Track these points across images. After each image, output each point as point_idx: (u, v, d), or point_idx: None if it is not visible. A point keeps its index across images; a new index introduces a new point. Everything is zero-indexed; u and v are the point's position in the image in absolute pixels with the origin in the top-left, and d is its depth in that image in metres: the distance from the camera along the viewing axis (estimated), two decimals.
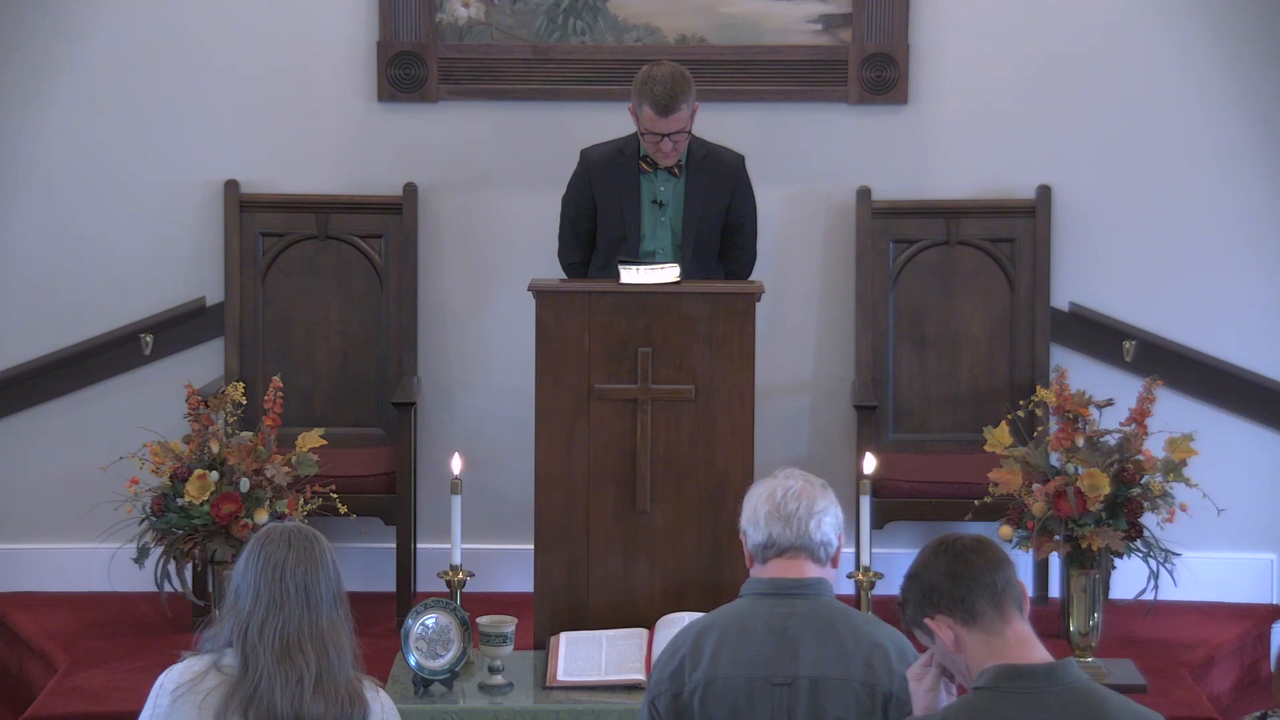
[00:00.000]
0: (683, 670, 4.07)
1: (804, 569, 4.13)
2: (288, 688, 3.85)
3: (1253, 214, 6.78)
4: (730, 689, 4.02)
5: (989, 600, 3.63)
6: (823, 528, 4.15)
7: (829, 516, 4.17)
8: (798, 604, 4.09)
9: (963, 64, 6.81)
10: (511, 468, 6.63)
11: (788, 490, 4.17)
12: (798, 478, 4.22)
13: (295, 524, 4.00)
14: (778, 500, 4.16)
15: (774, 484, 4.20)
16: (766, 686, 4.02)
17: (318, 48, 6.83)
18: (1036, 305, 6.77)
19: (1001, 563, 3.68)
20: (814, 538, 4.14)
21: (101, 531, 6.17)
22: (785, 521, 4.14)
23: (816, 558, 4.15)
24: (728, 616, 4.12)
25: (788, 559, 4.14)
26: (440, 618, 5.41)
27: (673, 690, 4.07)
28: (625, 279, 5.79)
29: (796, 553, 4.14)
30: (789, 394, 6.85)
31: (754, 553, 4.18)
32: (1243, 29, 6.71)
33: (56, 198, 6.83)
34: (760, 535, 4.16)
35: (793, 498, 4.15)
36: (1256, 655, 6.62)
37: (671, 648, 4.14)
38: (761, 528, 4.16)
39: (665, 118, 6.11)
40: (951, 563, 3.66)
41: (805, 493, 4.17)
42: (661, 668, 4.12)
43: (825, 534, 4.16)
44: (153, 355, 6.85)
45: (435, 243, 6.88)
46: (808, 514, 4.14)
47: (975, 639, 3.65)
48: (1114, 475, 5.77)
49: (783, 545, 4.13)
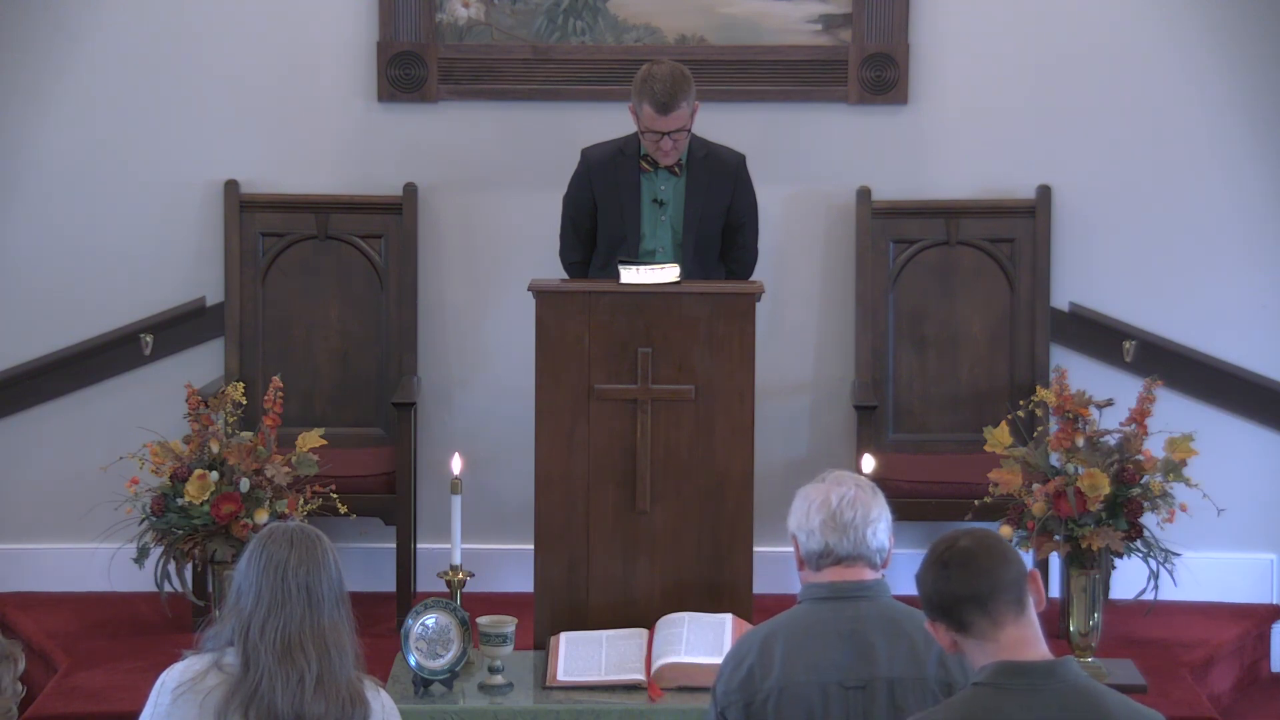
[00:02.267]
0: (753, 678, 4.05)
1: (861, 574, 4.13)
2: (289, 687, 3.85)
3: (1252, 214, 6.78)
4: (804, 694, 4.01)
5: (976, 612, 3.63)
6: (879, 535, 4.15)
7: (883, 523, 4.16)
8: (862, 606, 4.08)
9: (963, 64, 6.81)
10: (511, 468, 6.63)
11: (843, 498, 4.13)
12: (850, 484, 4.18)
13: (297, 524, 4.00)
14: (833, 509, 4.12)
15: (827, 489, 4.16)
16: (840, 690, 4.01)
17: (318, 48, 6.83)
18: (1036, 305, 6.77)
19: (990, 568, 3.63)
20: (871, 545, 4.13)
21: (101, 531, 6.17)
22: (842, 531, 4.11)
23: (873, 564, 4.14)
24: (792, 622, 4.11)
25: (845, 566, 4.13)
26: (440, 618, 5.41)
27: (744, 699, 4.05)
28: (625, 279, 5.79)
29: (854, 561, 4.12)
30: (789, 394, 6.85)
31: (807, 559, 4.15)
32: (1243, 29, 6.71)
33: (57, 198, 6.83)
34: (816, 544, 4.13)
35: (848, 506, 4.12)
36: (1256, 655, 6.62)
37: (735, 657, 4.11)
38: (817, 536, 4.13)
39: (665, 116, 6.11)
40: (937, 577, 3.65)
41: (860, 500, 4.14)
42: (728, 678, 4.09)
43: (880, 540, 4.15)
44: (153, 355, 6.85)
45: (435, 243, 6.87)
46: (864, 522, 4.12)
47: (970, 644, 3.65)
48: (1114, 475, 5.77)
49: (840, 554, 4.12)
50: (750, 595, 5.76)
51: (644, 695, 5.33)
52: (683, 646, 5.43)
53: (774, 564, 6.47)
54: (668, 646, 5.45)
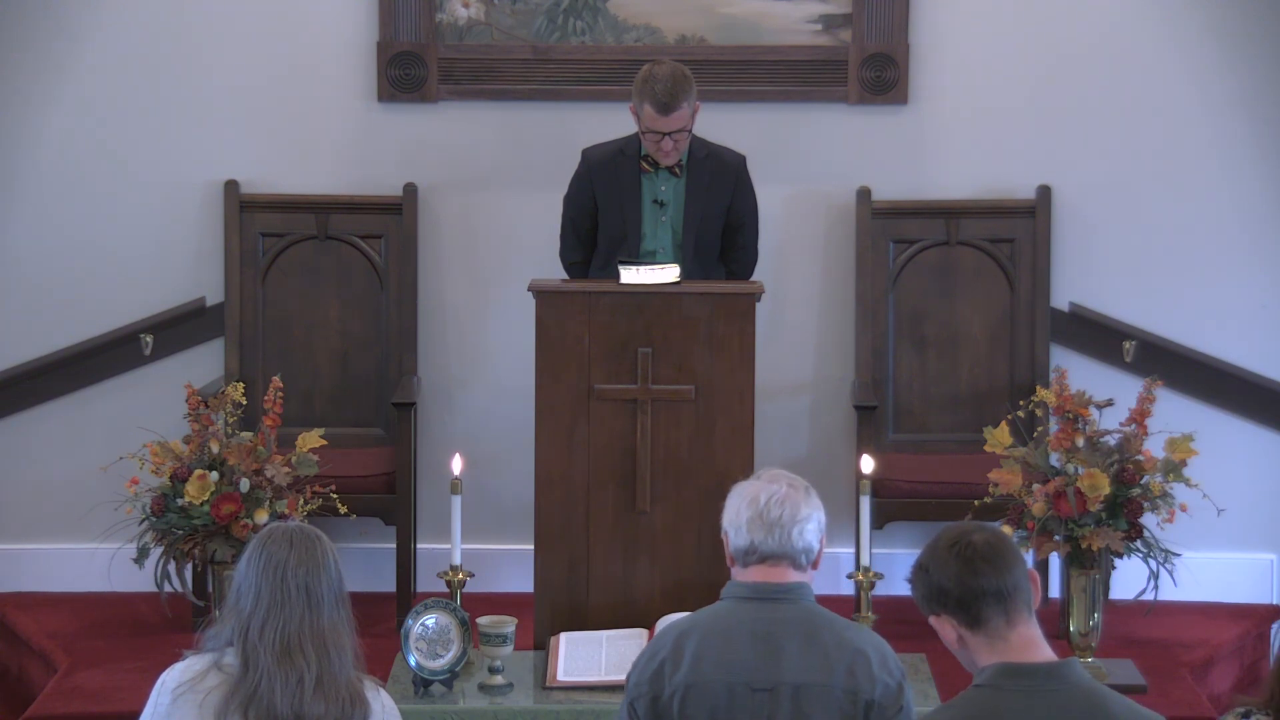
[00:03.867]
0: (663, 673, 4.05)
1: (785, 575, 4.12)
2: (288, 688, 3.85)
3: (1253, 214, 6.78)
4: (711, 693, 4.01)
5: (996, 608, 3.62)
6: (805, 535, 4.13)
7: (812, 523, 4.15)
8: (780, 609, 4.07)
9: (963, 64, 6.81)
10: (511, 468, 6.63)
11: (772, 495, 4.14)
12: (782, 481, 4.18)
13: (298, 524, 4.00)
14: (761, 506, 4.13)
15: (758, 487, 4.17)
16: (747, 692, 4.00)
17: (318, 48, 6.83)
18: (1036, 305, 6.77)
19: (1012, 565, 3.65)
20: (796, 545, 4.12)
21: (101, 531, 6.17)
22: (768, 529, 4.11)
23: (798, 564, 4.13)
24: (709, 620, 4.11)
25: (769, 565, 4.12)
26: (440, 618, 5.41)
27: (652, 693, 4.05)
28: (625, 279, 5.79)
29: (778, 560, 4.12)
30: (789, 394, 6.85)
31: (735, 556, 4.17)
32: (1243, 29, 6.71)
33: (57, 198, 6.83)
34: (742, 540, 4.14)
35: (776, 504, 4.12)
36: (1256, 655, 6.62)
37: (651, 650, 4.12)
38: (744, 533, 4.13)
39: (666, 116, 6.11)
40: (962, 569, 3.63)
41: (789, 499, 4.14)
42: (641, 670, 4.10)
43: (808, 541, 4.14)
44: (153, 355, 6.85)
45: (435, 243, 6.87)
46: (791, 521, 4.12)
47: (979, 641, 3.64)
48: (1114, 475, 5.77)
49: (765, 552, 4.12)
50: None
51: None
52: None
53: None
54: None
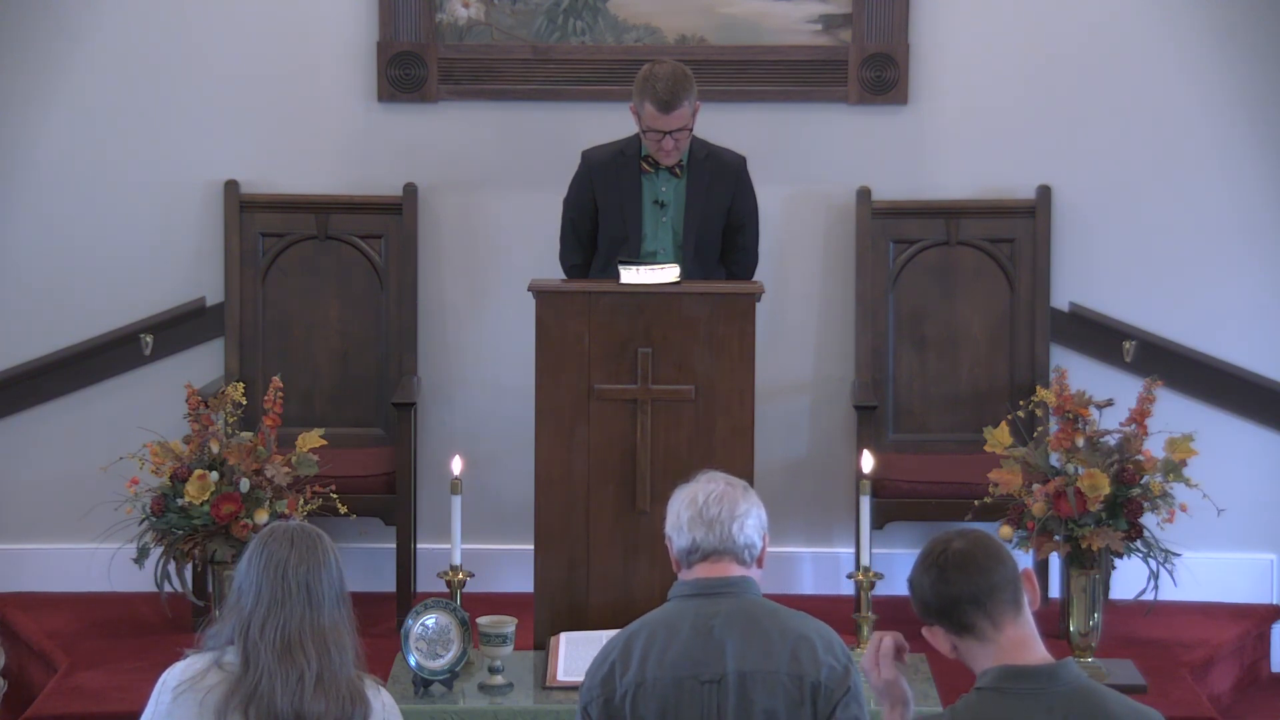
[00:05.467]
0: (613, 675, 4.10)
1: (728, 569, 4.17)
2: (288, 686, 3.86)
3: (1252, 214, 6.78)
4: (660, 690, 4.05)
5: (977, 613, 3.64)
6: (746, 530, 4.18)
7: (751, 519, 4.20)
8: (723, 602, 4.12)
9: (963, 64, 6.81)
10: (511, 468, 6.63)
11: (709, 495, 4.20)
12: (719, 481, 4.24)
13: (299, 523, 4.01)
14: (699, 505, 4.18)
15: (695, 489, 4.23)
16: (695, 684, 4.05)
17: (318, 48, 6.83)
18: (1036, 305, 6.77)
19: (986, 568, 3.65)
20: (737, 540, 4.17)
21: (101, 532, 6.17)
22: (708, 526, 4.17)
23: (741, 560, 4.18)
24: (655, 620, 4.16)
25: (711, 562, 4.17)
26: (440, 618, 5.41)
27: (604, 695, 4.10)
28: (625, 279, 5.79)
29: (720, 556, 4.17)
30: (789, 394, 6.85)
31: (679, 558, 4.22)
32: (1243, 29, 6.71)
33: (56, 198, 6.83)
34: (684, 540, 4.19)
35: (714, 502, 4.18)
36: (1256, 655, 6.62)
37: (603, 653, 4.17)
38: (685, 533, 4.19)
39: (667, 115, 6.11)
40: (936, 579, 3.66)
41: (727, 496, 4.20)
42: (593, 673, 4.15)
43: (749, 536, 4.19)
44: (153, 355, 6.85)
45: (435, 243, 6.87)
46: (730, 517, 4.17)
47: (969, 646, 3.66)
48: (1114, 475, 5.76)
49: (706, 549, 4.17)
50: None
51: None
52: None
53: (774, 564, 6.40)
54: None
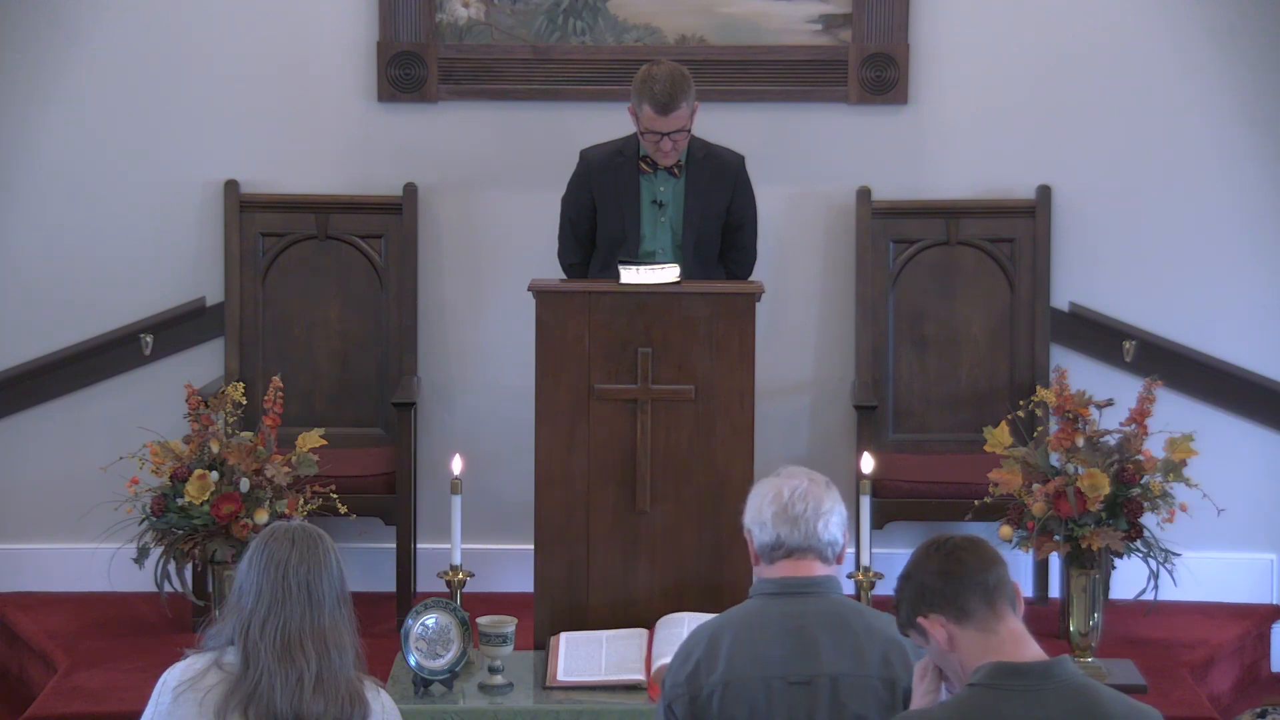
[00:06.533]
0: (699, 673, 4.07)
1: (813, 568, 4.15)
2: (288, 686, 3.85)
3: (1252, 214, 6.79)
4: (748, 689, 4.03)
5: (981, 598, 3.64)
6: (830, 528, 4.16)
7: (835, 516, 4.18)
8: (810, 602, 4.09)
9: (963, 64, 6.81)
10: (511, 468, 6.63)
11: (794, 490, 4.17)
12: (803, 477, 4.21)
13: (300, 523, 4.01)
14: (785, 501, 4.15)
15: (779, 483, 4.20)
16: (784, 686, 4.02)
17: (318, 48, 6.83)
18: (1036, 305, 6.77)
19: (993, 561, 3.69)
20: (822, 538, 4.15)
21: (101, 531, 6.17)
22: (793, 523, 4.14)
23: (824, 557, 4.16)
24: (740, 618, 4.12)
25: (795, 560, 4.14)
26: (440, 618, 5.41)
27: (690, 693, 4.07)
28: (625, 279, 5.79)
29: (804, 553, 4.14)
30: (789, 394, 6.85)
31: (760, 553, 4.18)
32: (1243, 29, 6.71)
33: (57, 198, 6.83)
34: (767, 536, 4.16)
35: (799, 498, 4.15)
36: (1256, 655, 6.62)
37: (684, 651, 4.13)
38: (769, 528, 4.15)
39: (665, 116, 6.11)
40: (943, 562, 3.67)
41: (812, 493, 4.17)
42: (676, 672, 4.11)
43: (833, 534, 4.17)
44: (153, 355, 6.85)
45: (435, 243, 6.88)
46: (815, 515, 4.15)
47: (969, 637, 3.65)
48: (1114, 475, 5.77)
49: (791, 546, 4.14)
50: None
51: (644, 695, 5.33)
52: None
53: None
54: (668, 647, 5.44)
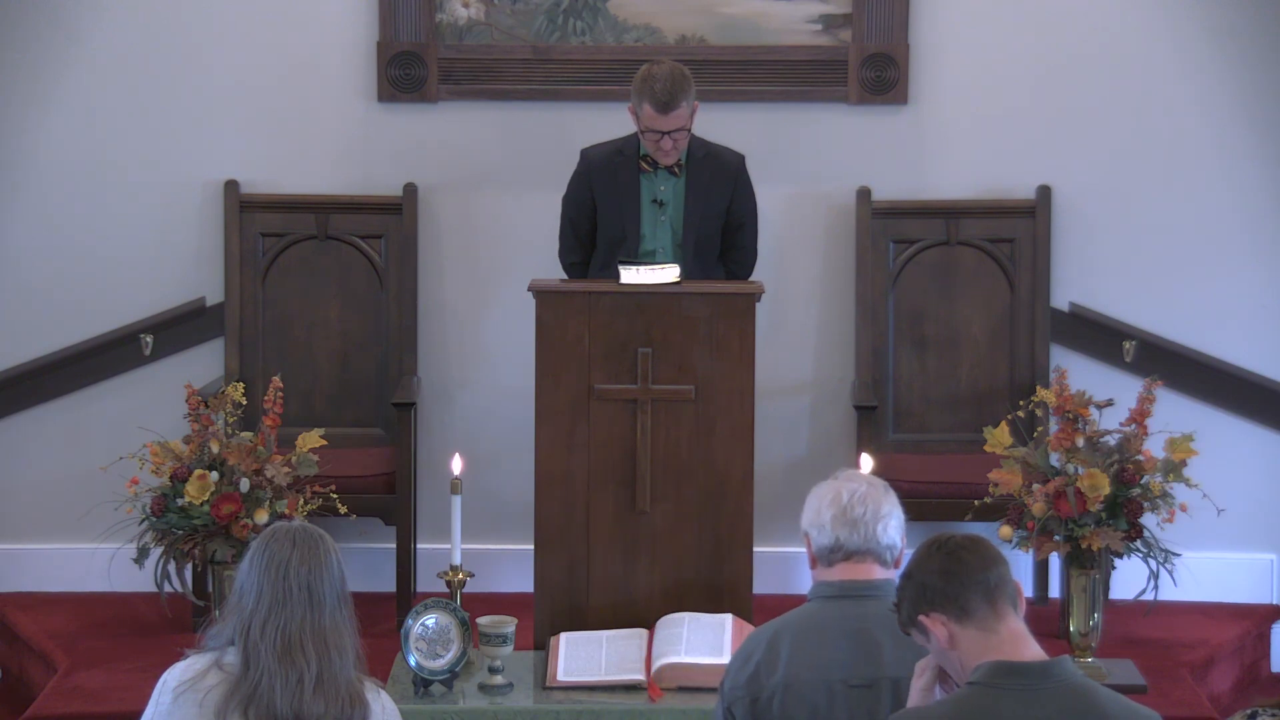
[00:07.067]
0: (759, 675, 4.08)
1: (872, 571, 4.15)
2: (288, 687, 3.85)
3: (1252, 214, 6.78)
4: (809, 692, 4.03)
5: (982, 596, 3.65)
6: (889, 531, 4.17)
7: (894, 519, 4.18)
8: (870, 605, 4.10)
9: (963, 64, 6.81)
10: (511, 468, 6.63)
11: (853, 493, 4.17)
12: (861, 481, 4.22)
13: (301, 523, 4.00)
14: (844, 504, 4.16)
15: (838, 486, 4.21)
16: (845, 689, 4.03)
17: (318, 48, 6.83)
18: (1036, 305, 6.77)
19: (995, 560, 3.69)
20: (881, 541, 4.15)
21: (101, 531, 6.17)
22: (852, 526, 4.14)
23: (883, 560, 4.16)
24: (798, 620, 4.13)
25: (854, 562, 4.15)
26: (440, 618, 5.41)
27: (750, 695, 4.08)
28: (625, 279, 5.79)
29: (864, 556, 4.15)
30: (789, 394, 6.85)
31: (819, 555, 4.18)
32: (1243, 30, 6.71)
33: (57, 198, 6.83)
34: (827, 539, 4.16)
35: (859, 501, 4.16)
36: (1256, 655, 6.62)
37: (744, 654, 4.14)
38: (828, 531, 4.16)
39: (665, 115, 6.11)
40: (945, 560, 3.67)
41: (871, 496, 4.18)
42: (735, 674, 4.12)
43: (891, 537, 4.17)
44: (153, 355, 6.85)
45: (435, 243, 6.88)
46: (874, 518, 4.15)
47: (969, 635, 3.65)
48: (1114, 475, 5.77)
49: (850, 549, 4.14)
50: (750, 595, 5.76)
51: (644, 695, 5.33)
52: (683, 647, 5.43)
53: (774, 564, 6.48)
54: (668, 646, 5.45)
